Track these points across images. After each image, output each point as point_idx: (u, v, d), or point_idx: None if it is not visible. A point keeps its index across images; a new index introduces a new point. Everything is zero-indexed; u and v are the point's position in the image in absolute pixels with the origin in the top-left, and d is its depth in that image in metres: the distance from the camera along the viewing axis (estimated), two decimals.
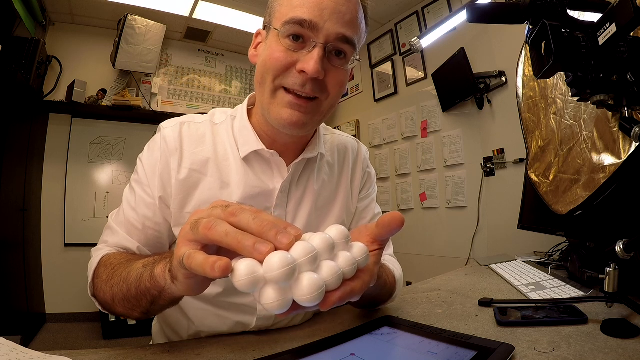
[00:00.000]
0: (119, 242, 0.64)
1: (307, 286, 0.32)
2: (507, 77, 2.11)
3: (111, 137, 3.14)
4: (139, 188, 0.66)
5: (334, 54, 0.58)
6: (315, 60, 0.54)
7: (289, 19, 0.55)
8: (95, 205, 3.05)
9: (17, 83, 2.29)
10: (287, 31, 0.56)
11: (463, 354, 0.48)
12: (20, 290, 2.43)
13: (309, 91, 0.57)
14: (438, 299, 0.86)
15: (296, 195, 0.69)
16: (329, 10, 0.55)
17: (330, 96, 0.60)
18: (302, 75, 0.56)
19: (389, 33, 3.04)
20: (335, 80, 0.59)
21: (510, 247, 1.83)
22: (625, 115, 0.61)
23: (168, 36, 3.12)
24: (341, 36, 0.56)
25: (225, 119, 0.70)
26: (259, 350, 0.58)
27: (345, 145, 0.79)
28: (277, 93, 0.59)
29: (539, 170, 1.04)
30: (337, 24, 0.56)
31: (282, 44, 0.57)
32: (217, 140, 0.68)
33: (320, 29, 0.55)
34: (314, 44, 0.55)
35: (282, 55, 0.56)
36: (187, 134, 0.67)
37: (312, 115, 0.60)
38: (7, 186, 2.23)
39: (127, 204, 0.66)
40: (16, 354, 0.47)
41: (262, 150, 0.65)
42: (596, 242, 0.91)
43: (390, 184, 3.03)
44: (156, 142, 0.67)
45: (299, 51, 0.56)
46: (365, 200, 0.81)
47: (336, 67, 0.59)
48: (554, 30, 0.54)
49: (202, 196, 0.65)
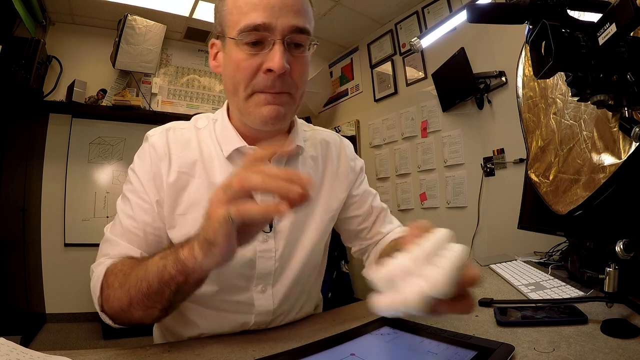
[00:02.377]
0: (122, 252, 0.63)
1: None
2: (507, 77, 2.11)
3: (111, 137, 3.14)
4: (134, 196, 0.67)
5: (293, 46, 0.61)
6: (278, 57, 0.57)
7: (243, 26, 0.57)
8: (95, 205, 3.04)
9: (17, 83, 2.29)
10: (244, 38, 0.58)
11: (463, 354, 0.49)
12: (20, 290, 2.43)
13: (279, 88, 0.60)
14: None
15: None
16: (278, 7, 0.57)
17: (299, 86, 0.63)
18: (270, 75, 0.58)
19: (389, 33, 3.04)
20: (300, 70, 0.62)
21: (510, 247, 1.83)
22: (625, 115, 0.61)
23: (168, 36, 3.12)
24: (295, 28, 0.58)
25: (207, 123, 0.73)
26: (259, 350, 0.58)
27: (327, 140, 0.81)
28: (252, 97, 0.61)
29: (539, 170, 1.03)
30: (287, 17, 0.58)
31: (243, 50, 0.59)
32: (202, 143, 0.70)
33: (274, 27, 0.57)
34: (273, 41, 0.58)
35: (247, 63, 0.59)
36: (173, 139, 0.69)
37: (289, 107, 0.63)
38: (7, 186, 2.23)
39: (124, 214, 0.66)
40: (16, 354, 0.47)
41: (244, 147, 0.67)
42: (596, 242, 0.91)
43: (390, 184, 3.03)
44: (145, 151, 0.69)
45: (260, 52, 0.59)
46: (358, 188, 0.83)
47: (297, 57, 0.61)
48: (554, 30, 0.54)
49: (191, 197, 0.66)
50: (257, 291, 0.68)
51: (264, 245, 0.68)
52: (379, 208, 0.85)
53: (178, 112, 3.26)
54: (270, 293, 0.69)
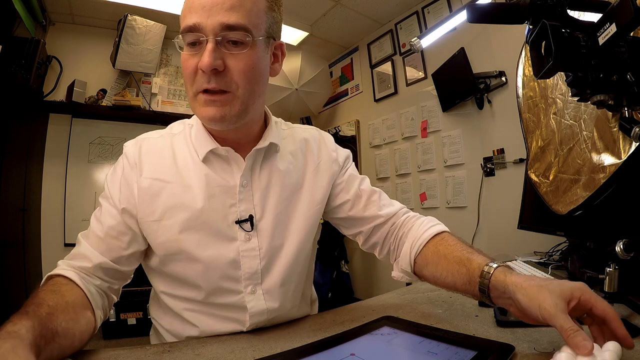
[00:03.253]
0: (79, 252, 0.65)
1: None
2: (507, 77, 2.11)
3: (111, 137, 3.14)
4: (104, 202, 0.69)
5: (231, 43, 0.59)
6: (207, 55, 0.57)
7: (182, 29, 0.60)
8: (95, 205, 3.03)
9: (17, 83, 2.29)
10: (184, 40, 0.60)
11: (463, 354, 0.48)
12: (20, 290, 2.43)
13: (215, 85, 0.59)
14: (438, 299, 0.86)
15: (260, 187, 0.70)
16: (208, 6, 0.57)
17: (240, 85, 0.61)
18: (204, 74, 0.59)
19: (389, 33, 3.04)
20: (239, 67, 0.60)
21: (510, 247, 1.83)
22: (625, 115, 0.61)
23: (168, 36, 3.11)
24: (224, 25, 0.58)
25: (183, 128, 0.74)
26: (259, 350, 0.58)
27: (305, 137, 0.80)
28: (197, 97, 0.62)
29: (539, 170, 1.04)
30: (217, 15, 0.57)
31: (185, 51, 0.61)
32: (176, 148, 0.71)
33: (205, 26, 0.58)
34: (205, 40, 0.58)
35: (187, 63, 0.61)
36: (145, 149, 0.70)
37: (230, 107, 0.61)
38: (7, 186, 2.23)
39: (94, 218, 0.69)
40: None
41: (217, 148, 0.67)
42: (596, 242, 0.91)
43: (390, 184, 3.03)
44: (119, 161, 0.71)
45: (197, 53, 0.59)
46: (343, 176, 0.81)
47: (234, 54, 0.59)
48: (554, 30, 0.54)
49: (167, 202, 0.66)
50: (248, 293, 0.68)
51: (247, 245, 0.68)
52: (369, 191, 0.80)
53: (178, 112, 3.26)
54: (261, 293, 0.69)
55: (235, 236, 0.67)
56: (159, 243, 0.67)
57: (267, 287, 0.69)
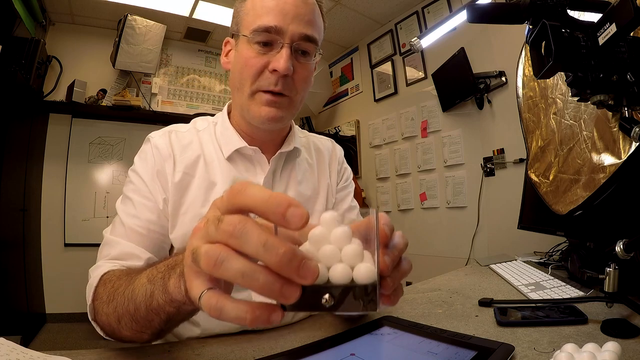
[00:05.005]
0: (123, 251, 0.61)
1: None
2: (507, 77, 2.11)
3: (111, 137, 3.14)
4: (137, 196, 0.66)
5: (300, 53, 0.65)
6: (284, 59, 0.61)
7: (256, 27, 0.62)
8: (95, 205, 3.04)
9: (17, 83, 2.29)
10: (256, 38, 0.62)
11: (463, 354, 0.48)
12: (20, 290, 2.43)
13: (281, 88, 0.64)
14: (438, 299, 0.86)
15: (280, 189, 0.73)
16: (291, 14, 0.62)
17: (299, 91, 0.67)
18: (275, 75, 0.62)
19: (389, 33, 3.04)
20: (302, 76, 0.66)
21: (510, 247, 1.83)
22: (625, 115, 0.61)
23: (168, 36, 3.12)
24: (304, 35, 0.63)
25: (207, 125, 0.75)
26: (259, 350, 0.58)
27: (320, 147, 0.85)
28: (255, 95, 0.65)
29: (539, 170, 1.04)
30: (299, 25, 0.62)
31: (253, 49, 0.63)
32: (203, 144, 0.72)
33: (285, 31, 0.62)
34: (281, 44, 0.62)
35: (255, 61, 0.63)
36: (175, 141, 0.70)
37: (287, 110, 0.66)
38: (7, 186, 2.23)
39: (126, 214, 0.65)
40: (16, 354, 0.47)
41: (244, 148, 0.70)
42: (596, 242, 0.91)
43: (390, 184, 3.03)
44: (147, 151, 0.69)
45: (268, 53, 0.63)
46: (343, 192, 0.86)
47: (302, 64, 0.65)
48: (554, 30, 0.54)
49: (191, 197, 0.67)
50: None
51: None
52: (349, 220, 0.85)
53: (178, 112, 3.26)
54: None
55: None
56: (180, 235, 0.66)
57: None
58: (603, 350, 0.42)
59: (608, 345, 0.42)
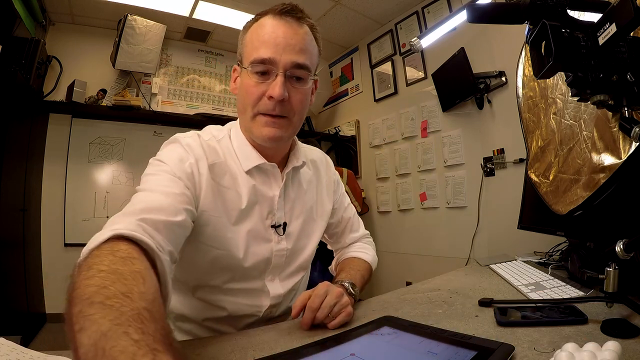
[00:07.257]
0: (152, 204, 0.55)
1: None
2: (507, 77, 2.12)
3: (111, 137, 3.14)
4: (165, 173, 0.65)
5: (294, 79, 0.72)
6: (279, 86, 0.68)
7: (253, 59, 0.70)
8: (95, 205, 3.04)
9: (17, 83, 2.29)
10: (253, 69, 0.70)
11: (463, 354, 0.49)
12: (20, 290, 2.43)
13: (279, 112, 0.71)
14: (438, 299, 0.86)
15: (290, 199, 0.82)
16: (282, 45, 0.69)
17: (297, 112, 0.74)
18: (272, 100, 0.69)
19: (389, 33, 3.04)
20: (298, 99, 0.72)
21: (510, 247, 1.83)
22: (625, 115, 0.61)
23: (168, 36, 3.11)
24: (295, 64, 0.70)
25: (223, 136, 0.79)
26: (259, 350, 0.58)
27: (314, 158, 0.94)
28: (256, 118, 0.72)
29: (539, 170, 1.04)
30: (290, 54, 0.69)
31: (252, 78, 0.70)
32: (226, 154, 0.77)
33: (278, 61, 0.69)
34: (276, 73, 0.69)
35: (254, 89, 0.70)
36: (205, 145, 0.75)
37: (286, 129, 0.73)
38: (7, 186, 2.22)
39: (152, 183, 0.63)
40: (16, 354, 0.47)
41: (264, 164, 0.77)
42: (596, 242, 0.91)
43: (390, 184, 3.03)
44: (178, 149, 0.71)
45: (265, 81, 0.70)
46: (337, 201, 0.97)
47: (297, 88, 0.72)
48: (554, 30, 0.54)
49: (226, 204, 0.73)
50: (268, 280, 0.80)
51: (279, 246, 0.79)
52: (347, 218, 0.99)
53: (178, 112, 3.25)
54: (279, 281, 0.81)
55: (270, 238, 0.79)
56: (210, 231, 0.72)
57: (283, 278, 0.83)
58: (604, 350, 0.42)
59: (609, 344, 0.42)
